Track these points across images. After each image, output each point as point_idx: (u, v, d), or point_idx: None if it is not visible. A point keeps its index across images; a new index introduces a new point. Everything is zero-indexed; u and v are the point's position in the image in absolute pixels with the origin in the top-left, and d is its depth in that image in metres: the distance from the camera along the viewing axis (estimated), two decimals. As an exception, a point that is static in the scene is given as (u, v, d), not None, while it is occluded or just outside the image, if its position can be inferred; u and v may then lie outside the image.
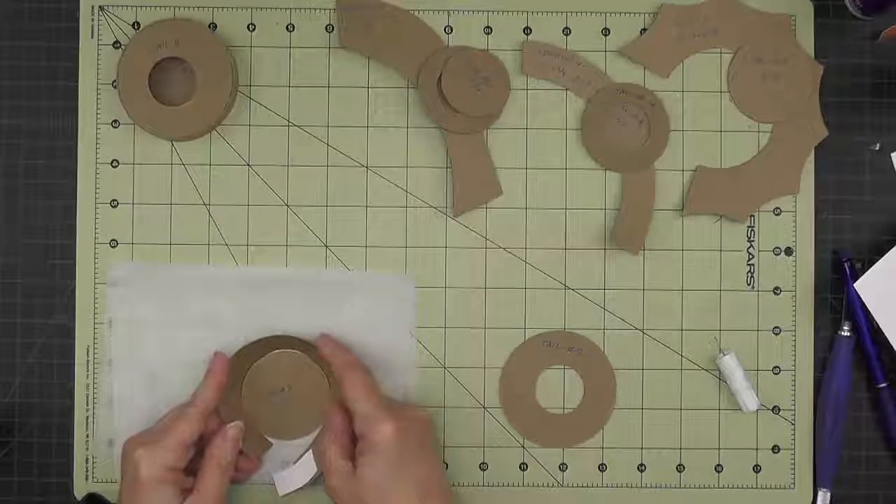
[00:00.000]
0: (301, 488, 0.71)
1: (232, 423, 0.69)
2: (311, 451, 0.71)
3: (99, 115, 0.73)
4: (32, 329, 0.73)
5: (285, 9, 0.73)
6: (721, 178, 0.73)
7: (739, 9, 0.73)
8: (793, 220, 0.73)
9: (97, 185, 0.73)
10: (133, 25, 0.73)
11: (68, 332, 0.72)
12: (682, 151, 0.73)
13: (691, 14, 0.73)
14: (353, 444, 0.67)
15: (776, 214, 0.73)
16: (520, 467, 0.73)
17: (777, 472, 0.73)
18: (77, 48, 0.73)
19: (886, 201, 0.73)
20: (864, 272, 0.70)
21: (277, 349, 0.72)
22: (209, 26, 0.73)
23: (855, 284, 0.71)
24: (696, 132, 0.73)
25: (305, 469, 0.71)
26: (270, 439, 0.72)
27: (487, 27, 0.73)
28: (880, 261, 0.70)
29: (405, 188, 0.73)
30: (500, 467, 0.73)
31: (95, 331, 0.72)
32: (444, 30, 0.73)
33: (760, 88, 0.73)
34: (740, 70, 0.73)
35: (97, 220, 0.72)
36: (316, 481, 0.71)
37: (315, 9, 0.73)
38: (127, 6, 0.72)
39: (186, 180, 0.73)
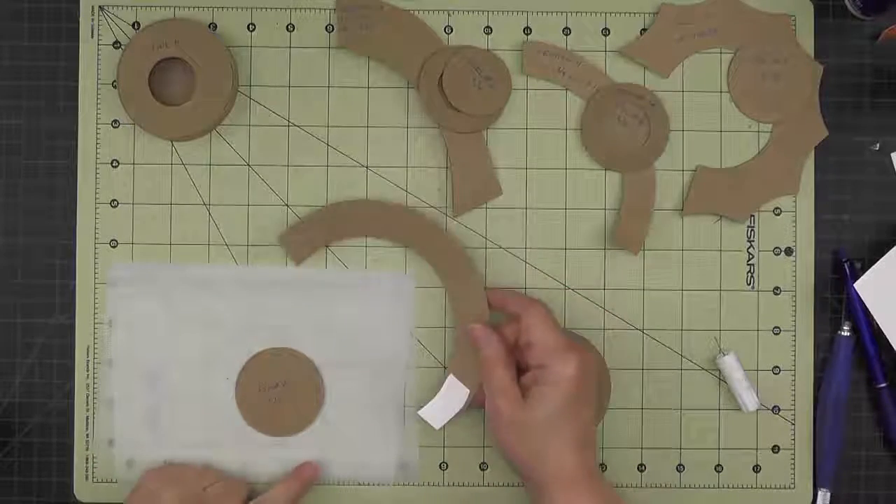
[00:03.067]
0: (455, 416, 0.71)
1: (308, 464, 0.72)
2: (451, 377, 0.70)
3: (99, 115, 0.73)
4: (32, 329, 0.73)
5: (285, 9, 0.73)
6: (721, 178, 0.73)
7: (739, 9, 0.73)
8: (793, 220, 0.73)
9: (97, 185, 0.73)
10: (133, 25, 0.73)
11: (68, 332, 0.72)
12: (682, 151, 0.73)
13: (691, 14, 0.73)
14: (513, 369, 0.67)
15: (776, 214, 0.73)
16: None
17: (777, 472, 0.73)
18: (77, 48, 0.73)
19: (886, 201, 0.73)
20: (864, 272, 0.70)
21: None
22: (209, 26, 0.73)
23: (855, 284, 0.71)
24: (696, 132, 0.73)
25: (457, 395, 0.70)
26: (265, 436, 0.72)
27: (487, 27, 0.73)
28: (880, 261, 0.70)
29: (405, 188, 0.73)
30: (500, 467, 0.73)
31: (95, 331, 0.72)
32: (444, 30, 0.73)
33: (760, 88, 0.73)
34: (740, 70, 0.73)
35: (97, 220, 0.72)
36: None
37: (315, 9, 0.73)
38: (127, 6, 0.72)
39: (186, 180, 0.73)
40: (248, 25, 0.73)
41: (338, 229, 0.71)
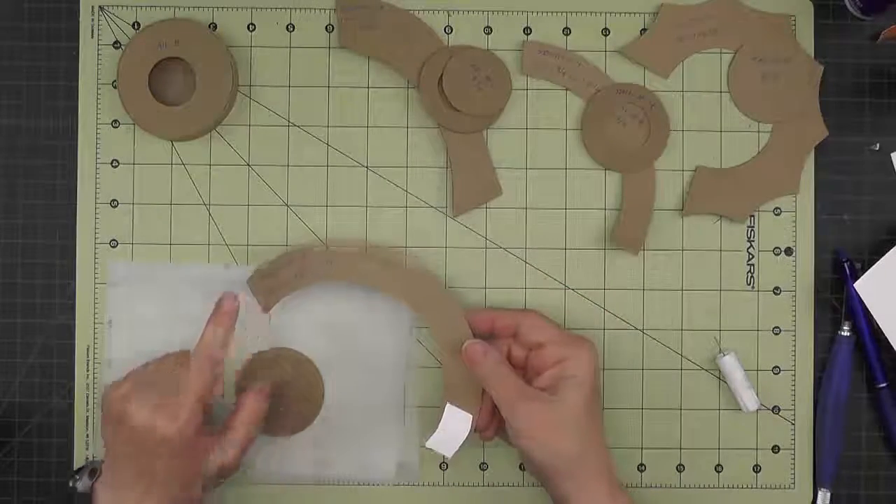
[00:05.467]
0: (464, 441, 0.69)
1: (261, 388, 0.69)
2: (448, 406, 0.68)
3: (99, 115, 0.73)
4: (32, 329, 0.73)
5: (285, 9, 0.73)
6: (721, 178, 0.73)
7: (739, 9, 0.73)
8: (793, 220, 0.73)
9: (97, 185, 0.73)
10: (133, 25, 0.73)
11: (68, 332, 0.72)
12: (682, 151, 0.73)
13: (691, 14, 0.73)
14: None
15: (776, 214, 0.73)
16: (519, 467, 0.73)
17: (777, 472, 0.73)
18: (77, 48, 0.73)
19: (886, 201, 0.73)
20: (864, 272, 0.70)
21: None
22: (209, 26, 0.73)
23: (855, 284, 0.71)
24: (696, 132, 0.73)
25: (460, 422, 0.68)
26: (265, 436, 0.72)
27: (487, 27, 0.73)
28: (880, 261, 0.70)
29: (405, 188, 0.73)
30: (500, 467, 0.73)
31: (95, 331, 0.72)
32: (444, 30, 0.73)
33: (760, 88, 0.73)
34: (740, 70, 0.73)
35: (97, 220, 0.73)
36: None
37: (315, 9, 0.73)
38: (127, 6, 0.72)
39: (186, 180, 0.73)
40: (248, 25, 0.73)
41: (306, 275, 0.70)
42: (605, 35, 0.73)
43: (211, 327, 0.69)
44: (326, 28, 0.73)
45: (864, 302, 0.70)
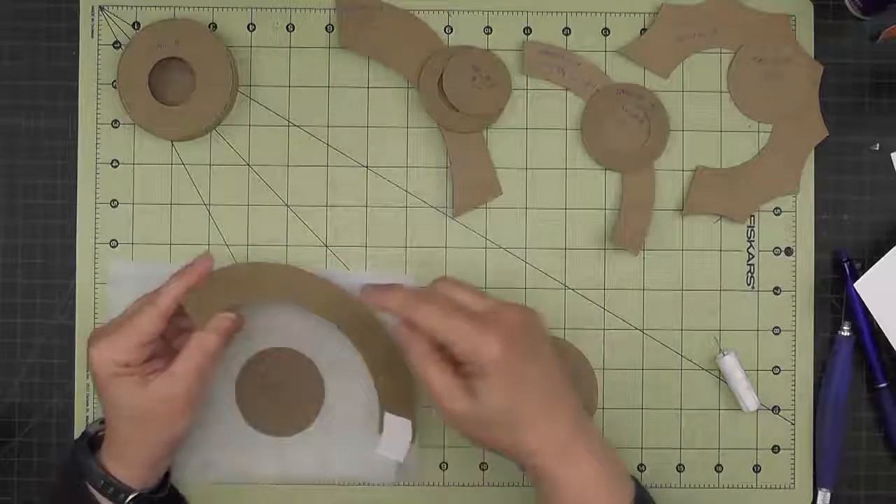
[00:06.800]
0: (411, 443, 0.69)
1: (226, 315, 0.66)
2: (387, 415, 0.68)
3: (99, 115, 0.73)
4: (32, 329, 0.73)
5: (285, 9, 0.73)
6: (721, 178, 0.73)
7: (739, 9, 0.73)
8: (793, 220, 0.73)
9: (97, 185, 0.73)
10: (133, 25, 0.73)
11: (68, 332, 0.72)
12: (682, 151, 0.73)
13: (691, 14, 0.73)
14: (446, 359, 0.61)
15: (776, 214, 0.73)
16: (520, 467, 0.73)
17: (777, 472, 0.73)
18: (77, 48, 0.73)
19: (886, 201, 0.74)
20: (864, 272, 0.70)
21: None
22: (209, 26, 0.73)
23: (855, 284, 0.71)
24: (696, 132, 0.73)
25: (401, 428, 0.68)
26: (265, 436, 0.72)
27: (487, 27, 0.73)
28: (880, 261, 0.70)
29: (405, 188, 0.73)
30: (500, 467, 0.73)
31: (95, 331, 0.72)
32: (444, 30, 0.73)
33: (760, 88, 0.73)
34: (740, 70, 0.73)
35: (97, 220, 0.73)
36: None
37: (315, 9, 0.73)
38: (127, 6, 0.73)
39: (186, 180, 0.73)
40: (248, 25, 0.73)
41: (242, 293, 0.69)
42: (605, 35, 0.73)
43: (173, 279, 0.66)
44: (326, 28, 0.73)
45: (864, 302, 0.70)
